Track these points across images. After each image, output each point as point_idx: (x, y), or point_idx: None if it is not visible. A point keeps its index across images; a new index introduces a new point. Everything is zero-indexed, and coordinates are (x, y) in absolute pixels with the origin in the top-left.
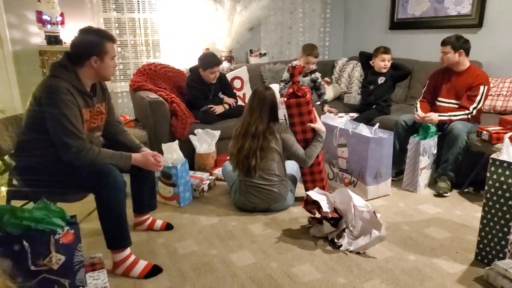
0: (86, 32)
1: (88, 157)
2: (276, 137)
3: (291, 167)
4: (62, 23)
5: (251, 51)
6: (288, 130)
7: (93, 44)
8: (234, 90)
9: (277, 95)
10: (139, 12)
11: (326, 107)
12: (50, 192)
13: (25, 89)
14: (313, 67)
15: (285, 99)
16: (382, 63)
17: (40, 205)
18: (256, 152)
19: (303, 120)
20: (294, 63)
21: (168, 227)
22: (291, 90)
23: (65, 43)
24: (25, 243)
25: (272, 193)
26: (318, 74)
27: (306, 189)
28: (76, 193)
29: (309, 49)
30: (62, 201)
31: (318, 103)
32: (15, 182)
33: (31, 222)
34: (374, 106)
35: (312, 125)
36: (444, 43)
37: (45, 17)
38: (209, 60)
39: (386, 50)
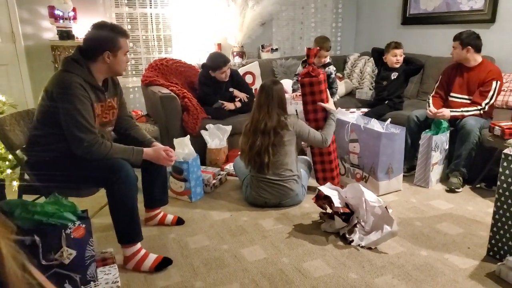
0: (100, 27)
1: (100, 151)
2: (290, 131)
3: (303, 163)
4: (75, 18)
5: (262, 46)
6: (299, 121)
7: (107, 39)
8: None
9: (289, 89)
10: (151, 7)
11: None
12: (62, 187)
13: (37, 84)
14: (326, 60)
15: (300, 78)
16: (394, 58)
17: (52, 200)
18: (268, 148)
19: (315, 99)
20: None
21: (179, 222)
22: (306, 70)
23: (77, 38)
24: (36, 237)
25: (284, 188)
26: (332, 68)
27: (317, 179)
28: (87, 188)
29: (320, 42)
30: (73, 195)
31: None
32: (26, 176)
33: (43, 216)
34: (386, 102)
35: (322, 104)
36: (454, 38)
37: (57, 12)
38: (217, 61)
39: (398, 45)
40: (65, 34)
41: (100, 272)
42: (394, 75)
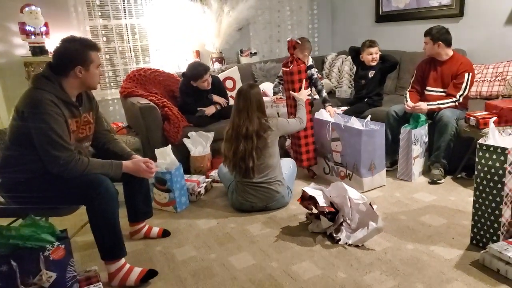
0: (69, 41)
1: (77, 168)
2: (273, 131)
3: (287, 165)
4: (47, 33)
5: (241, 51)
6: (279, 119)
7: (78, 53)
8: (227, 91)
9: (269, 92)
10: (125, 18)
11: (328, 107)
12: (39, 208)
13: (11, 103)
14: (307, 62)
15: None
16: (370, 57)
17: (28, 222)
18: (252, 152)
19: (289, 87)
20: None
21: (165, 233)
22: (288, 60)
23: (50, 53)
24: (13, 262)
25: (269, 191)
26: (314, 70)
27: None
28: (67, 207)
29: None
30: (53, 215)
31: (317, 97)
32: (1, 199)
33: (19, 240)
34: (365, 100)
35: (292, 93)
36: (424, 34)
37: (28, 28)
38: (197, 70)
39: (372, 44)
40: (38, 50)
41: None
42: (371, 73)
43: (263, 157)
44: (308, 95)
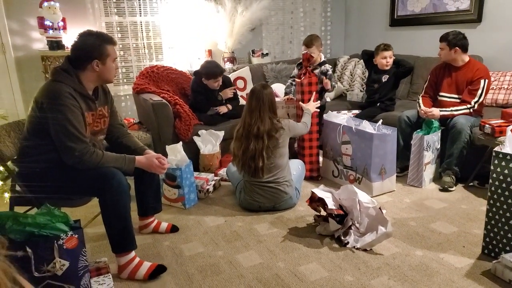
0: (86, 35)
1: (92, 160)
2: (285, 130)
3: (296, 166)
4: (64, 28)
5: (253, 52)
6: (290, 120)
7: (94, 47)
8: (237, 91)
9: (280, 93)
10: (140, 16)
11: (326, 80)
12: (54, 198)
13: (28, 95)
14: (319, 59)
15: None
16: (384, 61)
17: (43, 211)
18: (263, 152)
19: (299, 98)
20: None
21: (174, 229)
22: (302, 72)
23: (67, 48)
24: (28, 249)
25: (277, 191)
26: (328, 66)
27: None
28: (80, 198)
29: (307, 41)
30: (66, 206)
31: (328, 99)
32: (18, 188)
33: (34, 228)
34: (378, 104)
35: (301, 104)
36: (440, 39)
37: (46, 22)
38: (213, 71)
39: (387, 47)
40: (55, 44)
41: (94, 282)
42: (385, 78)
43: (273, 157)
44: (317, 108)
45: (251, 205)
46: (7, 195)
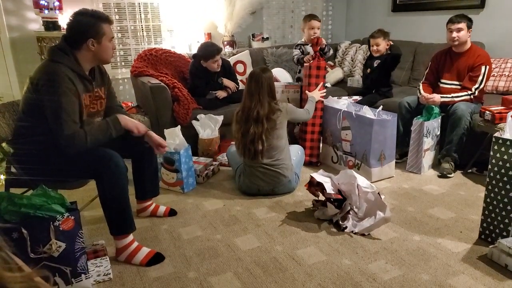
0: (81, 14)
1: (79, 142)
2: (282, 112)
3: (296, 151)
4: (60, 8)
5: (253, 35)
6: (288, 104)
7: (89, 26)
8: (237, 75)
9: (281, 78)
10: None
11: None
12: (50, 180)
13: (23, 76)
14: (318, 33)
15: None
16: (373, 48)
17: (39, 192)
18: (262, 136)
19: (306, 81)
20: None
21: (172, 213)
22: (314, 57)
23: (63, 28)
24: (24, 230)
25: (277, 174)
26: (323, 41)
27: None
28: (76, 180)
29: (309, 16)
30: (62, 188)
31: (328, 84)
32: (13, 170)
33: (30, 209)
34: (373, 91)
35: (307, 92)
36: (457, 18)
37: (42, 2)
38: (209, 51)
39: (374, 35)
40: (50, 25)
41: (92, 264)
42: (376, 63)
43: (271, 138)
44: (322, 96)
45: (250, 188)
46: (2, 177)
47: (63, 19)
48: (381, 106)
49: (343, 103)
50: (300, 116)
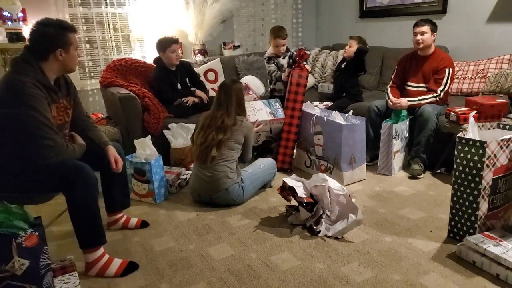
0: (45, 25)
1: (66, 153)
2: (241, 128)
3: (258, 164)
4: (24, 19)
5: (224, 44)
6: (252, 131)
7: (57, 36)
8: (207, 82)
9: (254, 87)
10: (106, 7)
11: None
12: (13, 197)
13: None
14: (284, 48)
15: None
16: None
17: (0, 208)
18: (219, 144)
19: (298, 90)
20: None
21: (144, 224)
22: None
23: (28, 40)
24: None
25: (213, 181)
26: (292, 50)
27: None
28: (43, 194)
29: (276, 32)
30: (28, 203)
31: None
32: None
33: None
34: (344, 95)
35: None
36: (421, 22)
37: (5, 13)
38: (165, 40)
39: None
40: (14, 36)
41: (59, 281)
42: (343, 65)
43: (225, 148)
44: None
45: (193, 194)
46: None
47: (27, 30)
48: (351, 111)
49: (316, 108)
50: (247, 146)
